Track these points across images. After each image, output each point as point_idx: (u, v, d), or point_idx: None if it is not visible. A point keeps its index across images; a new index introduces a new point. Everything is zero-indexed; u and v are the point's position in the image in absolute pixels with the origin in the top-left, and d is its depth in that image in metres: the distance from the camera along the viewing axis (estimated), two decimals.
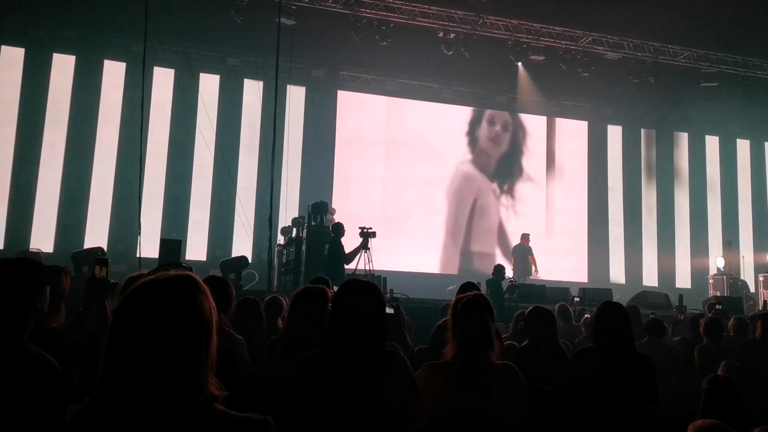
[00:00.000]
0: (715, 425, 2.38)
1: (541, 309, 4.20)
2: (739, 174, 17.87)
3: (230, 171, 13.91)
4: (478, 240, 15.54)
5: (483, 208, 15.70)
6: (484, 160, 15.82)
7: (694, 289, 15.42)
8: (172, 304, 1.33)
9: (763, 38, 13.58)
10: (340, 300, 2.41)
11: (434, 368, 2.70)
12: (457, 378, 2.61)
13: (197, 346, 1.33)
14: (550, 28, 14.31)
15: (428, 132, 15.49)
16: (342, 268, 9.47)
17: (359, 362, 2.26)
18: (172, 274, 1.40)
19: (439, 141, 15.55)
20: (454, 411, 2.54)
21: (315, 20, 13.17)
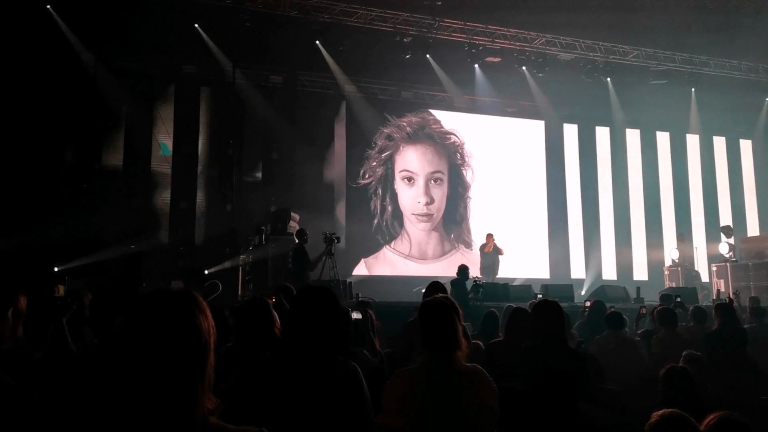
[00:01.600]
0: (676, 414, 2.47)
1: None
2: (689, 168, 18.42)
3: (190, 179, 13.76)
4: (441, 242, 15.65)
5: (444, 212, 15.82)
6: (443, 161, 15.93)
7: (651, 281, 15.81)
8: (171, 322, 1.35)
9: (708, 36, 14.04)
10: (294, 306, 2.43)
11: (405, 374, 2.71)
12: (427, 382, 2.62)
13: (194, 364, 1.34)
14: (504, 30, 14.55)
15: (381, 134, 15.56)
16: (306, 275, 9.46)
17: (307, 369, 2.27)
18: (171, 291, 1.42)
19: (400, 143, 15.63)
20: (427, 416, 2.55)
21: (271, 26, 13.10)
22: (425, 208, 15.49)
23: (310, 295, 2.44)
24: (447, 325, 2.68)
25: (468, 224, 15.96)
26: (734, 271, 13.91)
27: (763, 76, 16.58)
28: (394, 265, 15.11)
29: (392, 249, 15.22)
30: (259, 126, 14.34)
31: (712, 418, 2.52)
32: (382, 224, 15.18)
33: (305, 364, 2.28)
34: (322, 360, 2.31)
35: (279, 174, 14.35)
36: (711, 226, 17.66)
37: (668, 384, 3.43)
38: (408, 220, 15.43)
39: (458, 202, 15.96)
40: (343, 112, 15.25)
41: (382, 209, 15.23)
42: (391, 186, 15.39)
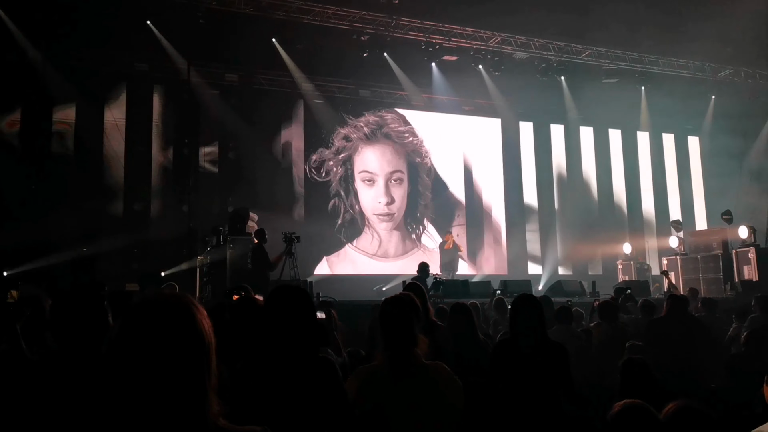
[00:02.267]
0: (636, 404, 2.53)
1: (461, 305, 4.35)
2: (640, 164, 18.92)
3: (144, 180, 13.47)
4: (402, 240, 15.71)
5: (406, 208, 15.88)
6: (402, 160, 15.99)
7: (606, 274, 16.18)
8: (175, 326, 1.32)
9: (657, 36, 14.45)
10: (269, 307, 2.41)
11: (364, 372, 2.70)
12: (384, 380, 2.61)
13: (200, 368, 1.33)
14: (461, 29, 14.68)
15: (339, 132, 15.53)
16: (266, 275, 9.36)
17: (287, 369, 2.25)
18: (167, 293, 1.39)
19: (358, 144, 15.62)
20: (389, 412, 2.54)
21: (226, 23, 12.94)
22: (386, 208, 15.52)
23: (286, 295, 2.42)
24: (402, 323, 2.67)
25: (428, 222, 16.06)
26: (684, 263, 14.36)
27: (709, 75, 17.15)
28: (356, 263, 15.10)
29: (354, 247, 15.21)
30: (215, 125, 14.13)
31: (671, 406, 2.59)
32: (344, 223, 15.15)
33: (287, 364, 2.26)
34: (303, 358, 2.30)
35: (236, 174, 14.16)
36: (661, 221, 18.18)
37: (627, 374, 3.52)
38: (370, 220, 15.43)
39: (418, 200, 16.04)
40: (301, 111, 15.15)
41: (344, 209, 15.20)
42: (352, 185, 15.37)
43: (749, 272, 12.92)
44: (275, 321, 2.34)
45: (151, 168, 13.67)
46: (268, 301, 2.44)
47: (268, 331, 2.34)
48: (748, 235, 13.21)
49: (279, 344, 2.29)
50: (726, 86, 17.38)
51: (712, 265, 13.71)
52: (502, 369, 3.59)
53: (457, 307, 4.48)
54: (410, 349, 2.63)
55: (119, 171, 13.24)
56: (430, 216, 16.09)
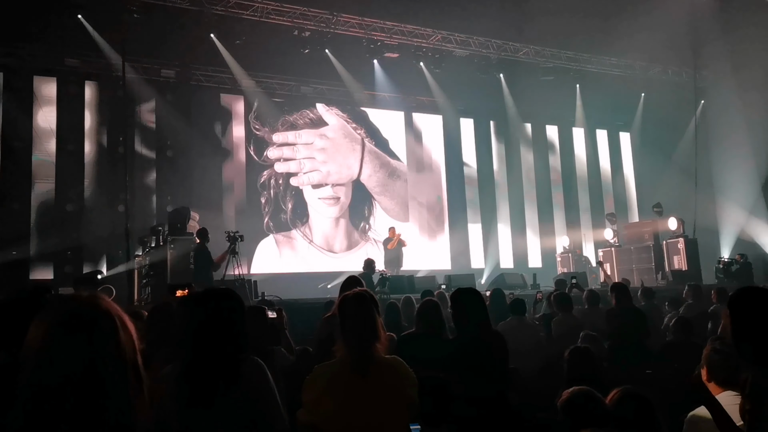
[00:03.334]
0: (584, 391, 2.62)
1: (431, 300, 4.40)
2: (576, 159, 19.50)
3: (76, 179, 12.98)
4: (347, 237, 15.69)
5: (349, 205, 15.87)
6: (348, 154, 15.97)
7: (545, 267, 16.61)
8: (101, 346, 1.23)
9: (592, 35, 14.90)
10: (199, 308, 2.36)
11: (324, 368, 2.70)
12: (347, 375, 2.62)
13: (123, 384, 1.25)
14: (401, 26, 14.75)
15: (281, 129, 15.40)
16: (210, 275, 9.19)
17: (216, 372, 2.22)
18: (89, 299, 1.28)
19: (302, 138, 15.50)
20: (349, 409, 2.55)
21: (162, 17, 12.58)
22: (332, 191, 15.51)
23: (213, 298, 2.38)
24: (366, 318, 2.68)
25: (373, 218, 16.11)
26: (618, 254, 14.91)
27: (639, 73, 17.82)
28: (303, 259, 14.98)
29: (300, 235, 15.09)
30: (152, 122, 13.74)
31: (615, 392, 2.70)
32: (288, 218, 15.02)
33: (211, 369, 2.22)
34: (228, 362, 2.27)
35: (175, 172, 13.80)
36: (596, 214, 18.79)
37: (573, 363, 3.63)
38: (314, 210, 15.33)
39: (363, 195, 16.05)
40: (242, 107, 14.90)
41: (287, 203, 15.07)
42: (298, 174, 15.32)
43: (679, 262, 13.53)
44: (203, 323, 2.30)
45: (84, 167, 13.18)
46: (196, 303, 2.39)
47: (194, 333, 2.30)
48: (677, 226, 13.83)
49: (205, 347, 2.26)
50: (655, 84, 18.10)
51: (644, 256, 14.29)
52: (454, 362, 3.64)
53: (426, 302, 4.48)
54: (372, 344, 2.64)
55: (50, 170, 12.70)
56: (374, 212, 16.13)
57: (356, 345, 2.63)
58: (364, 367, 2.61)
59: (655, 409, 2.64)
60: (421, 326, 4.27)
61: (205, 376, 2.21)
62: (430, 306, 4.31)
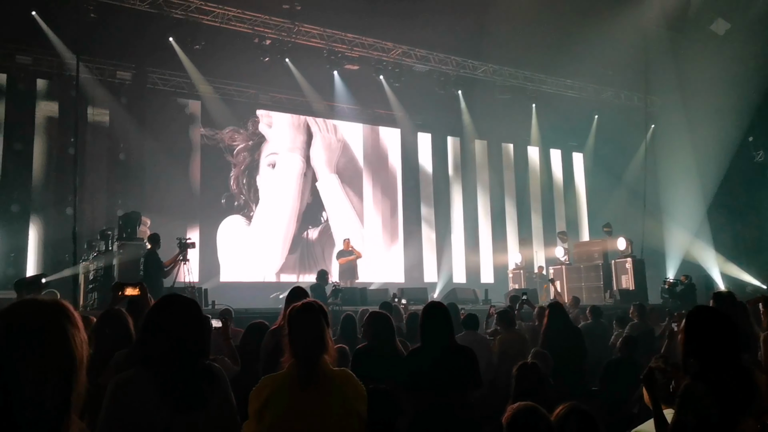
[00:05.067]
0: (529, 407, 2.65)
1: (380, 312, 4.39)
2: (530, 178, 19.86)
3: (23, 180, 12.57)
4: (302, 246, 15.59)
5: (303, 215, 15.79)
6: (299, 166, 15.91)
7: (497, 283, 16.81)
8: (42, 338, 1.19)
9: (548, 56, 15.27)
10: (157, 317, 2.34)
11: (271, 380, 2.65)
12: (292, 387, 2.58)
13: (67, 385, 1.21)
14: (362, 39, 14.84)
15: (239, 135, 15.25)
16: (160, 282, 8.99)
17: (180, 380, 2.20)
18: (40, 301, 1.25)
19: (258, 147, 15.38)
20: (295, 421, 2.52)
21: (119, 18, 12.35)
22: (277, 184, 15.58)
23: (175, 305, 2.36)
24: (314, 329, 2.66)
25: (327, 229, 16.06)
26: (569, 272, 15.20)
27: (592, 95, 18.32)
28: (256, 268, 14.80)
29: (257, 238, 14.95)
30: (105, 124, 13.41)
31: (561, 408, 2.74)
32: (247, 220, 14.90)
33: (176, 374, 2.19)
34: (190, 368, 2.25)
35: (127, 176, 13.52)
36: (548, 232, 19.14)
37: (520, 378, 3.67)
38: (261, 197, 15.33)
39: (317, 205, 16.01)
40: (197, 112, 14.66)
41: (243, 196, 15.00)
42: (254, 175, 15.28)
43: (626, 281, 13.88)
44: (162, 331, 2.27)
45: (32, 167, 12.76)
46: (155, 310, 2.37)
47: (153, 342, 2.27)
48: (626, 246, 14.19)
49: (166, 355, 2.23)
50: (608, 106, 18.62)
51: (593, 275, 14.60)
52: (416, 375, 3.66)
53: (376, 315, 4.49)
54: (320, 356, 2.62)
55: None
56: (329, 223, 16.09)
57: (303, 357, 2.60)
58: (310, 379, 2.58)
59: (599, 426, 2.69)
60: (375, 339, 4.28)
61: (187, 379, 2.20)
62: (381, 318, 4.33)
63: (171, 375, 2.19)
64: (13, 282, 9.47)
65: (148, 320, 2.33)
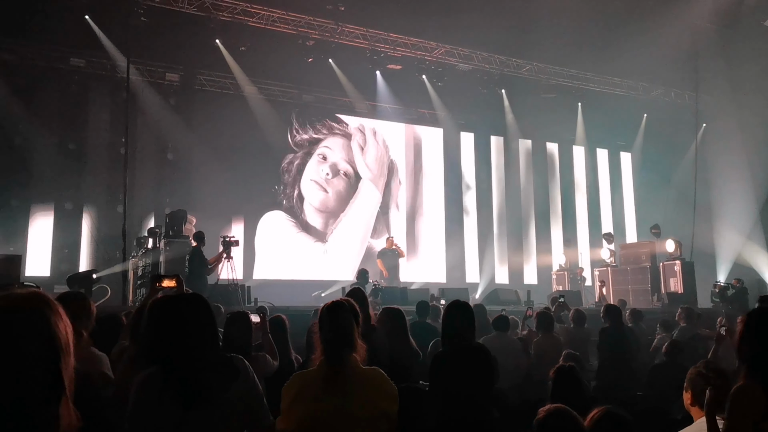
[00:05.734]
0: (560, 409, 2.62)
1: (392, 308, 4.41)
2: (575, 178, 19.53)
3: (77, 178, 13.00)
4: (342, 246, 15.70)
5: (347, 214, 15.90)
6: (342, 166, 16.02)
7: (540, 284, 16.59)
8: (24, 328, 1.22)
9: (594, 54, 14.98)
10: (156, 318, 2.34)
11: (300, 378, 2.70)
12: (319, 385, 2.60)
13: (54, 373, 1.23)
14: (405, 39, 14.84)
15: (285, 136, 15.42)
16: (204, 279, 9.19)
17: (185, 376, 2.22)
18: (19, 293, 1.28)
19: (301, 146, 15.54)
20: (320, 419, 2.54)
21: (168, 22, 12.67)
22: (325, 180, 15.64)
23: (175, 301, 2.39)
24: (340, 327, 2.68)
25: (371, 228, 16.17)
26: (614, 274, 14.88)
27: (641, 94, 17.89)
28: (299, 266, 14.97)
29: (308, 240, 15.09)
30: (154, 125, 13.77)
31: (595, 412, 2.70)
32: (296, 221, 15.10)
33: (180, 370, 2.22)
34: (200, 362, 2.26)
35: (174, 175, 13.86)
36: (594, 233, 18.78)
37: (557, 382, 3.63)
38: (306, 195, 15.45)
39: (363, 206, 16.13)
40: (244, 113, 14.85)
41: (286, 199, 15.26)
42: (299, 180, 15.51)
43: (675, 284, 13.50)
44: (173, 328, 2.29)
45: (85, 166, 13.21)
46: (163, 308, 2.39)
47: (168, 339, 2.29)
48: (674, 248, 13.81)
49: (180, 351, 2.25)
50: (657, 105, 18.16)
51: (640, 277, 14.24)
52: (436, 374, 3.65)
53: (392, 312, 4.52)
54: (348, 354, 2.64)
55: (51, 168, 12.72)
56: (369, 223, 16.16)
57: (331, 355, 2.63)
58: (336, 377, 2.60)
59: (634, 430, 2.64)
60: None
61: (193, 375, 2.21)
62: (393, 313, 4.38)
63: (176, 371, 2.20)
64: (66, 277, 9.87)
65: (154, 320, 2.33)
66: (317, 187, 15.57)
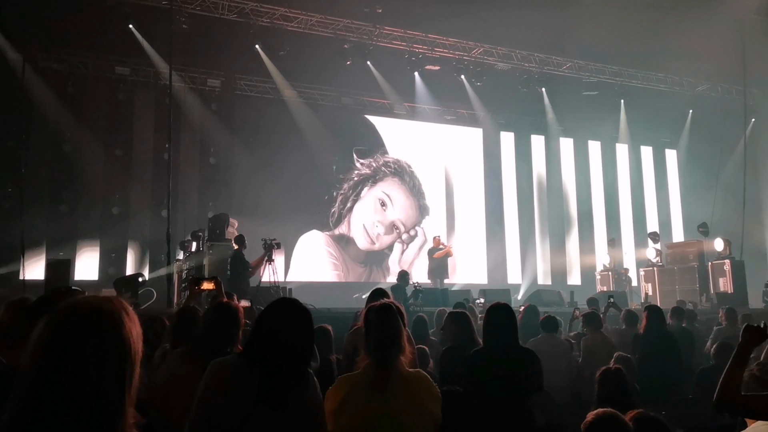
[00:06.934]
0: (609, 413, 2.56)
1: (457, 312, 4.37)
2: (619, 176, 19.14)
3: (123, 184, 13.32)
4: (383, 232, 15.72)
5: (381, 200, 15.92)
6: (383, 167, 16.03)
7: (584, 285, 16.29)
8: (101, 333, 1.25)
9: (636, 50, 14.67)
10: (272, 318, 2.35)
11: (347, 381, 2.68)
12: (366, 388, 2.59)
13: (122, 378, 1.26)
14: (443, 39, 14.79)
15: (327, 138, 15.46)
16: (246, 281, 9.31)
17: (281, 381, 2.23)
18: (96, 298, 1.32)
19: (341, 148, 15.59)
20: (368, 422, 2.53)
21: (209, 29, 12.91)
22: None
23: (291, 310, 2.38)
24: (390, 330, 2.66)
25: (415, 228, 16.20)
26: (661, 274, 14.51)
27: (686, 90, 17.44)
28: (339, 268, 15.04)
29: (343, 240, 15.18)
30: (196, 130, 14.04)
31: (632, 415, 2.63)
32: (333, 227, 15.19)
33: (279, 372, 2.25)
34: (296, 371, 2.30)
35: (217, 179, 14.09)
36: (639, 232, 18.37)
37: (603, 384, 3.56)
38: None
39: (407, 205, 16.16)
40: (284, 117, 14.97)
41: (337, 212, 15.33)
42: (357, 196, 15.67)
43: (724, 284, 13.10)
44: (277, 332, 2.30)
45: (131, 172, 13.54)
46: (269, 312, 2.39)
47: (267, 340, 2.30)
48: (723, 247, 13.40)
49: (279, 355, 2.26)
50: (703, 101, 17.67)
51: (688, 277, 13.86)
52: (478, 377, 3.61)
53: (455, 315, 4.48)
54: (395, 357, 2.62)
55: (98, 175, 13.08)
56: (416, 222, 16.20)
57: (378, 358, 2.62)
58: (384, 381, 2.58)
59: None
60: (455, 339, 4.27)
61: (287, 379, 2.24)
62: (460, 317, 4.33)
63: (275, 375, 2.22)
64: (113, 280, 10.13)
65: (264, 319, 2.34)
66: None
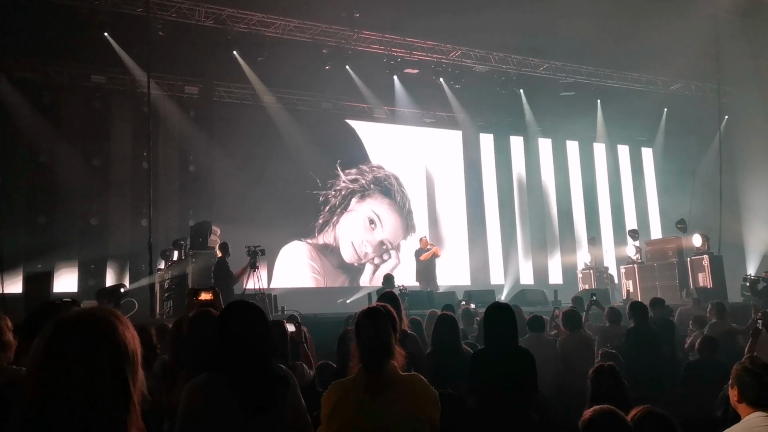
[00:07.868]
0: (607, 410, 2.57)
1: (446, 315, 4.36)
2: (597, 175, 19.34)
3: (101, 194, 13.15)
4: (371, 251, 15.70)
5: (370, 219, 15.89)
6: (373, 183, 16.04)
7: (566, 284, 16.42)
8: (100, 341, 1.27)
9: (611, 50, 14.84)
10: (225, 324, 2.39)
11: (339, 386, 2.67)
12: (358, 393, 2.58)
13: (121, 381, 1.27)
14: (422, 42, 14.84)
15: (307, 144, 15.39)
16: (230, 289, 9.23)
17: (251, 382, 2.24)
18: (90, 308, 1.35)
19: (322, 153, 15.53)
20: (362, 427, 2.52)
21: (186, 35, 12.80)
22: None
23: (239, 311, 2.41)
24: (379, 334, 2.65)
25: None
26: (641, 271, 14.67)
27: (661, 88, 17.68)
28: (321, 273, 14.98)
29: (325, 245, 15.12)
30: (175, 138, 13.90)
31: (637, 411, 2.65)
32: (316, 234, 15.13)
33: (247, 377, 2.24)
34: (261, 371, 2.30)
35: (197, 187, 13.96)
36: (618, 230, 18.57)
37: (597, 382, 3.57)
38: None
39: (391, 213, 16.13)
40: (263, 123, 14.89)
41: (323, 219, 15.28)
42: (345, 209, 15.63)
43: (704, 279, 13.27)
44: (231, 338, 2.32)
45: (109, 181, 13.36)
46: (221, 319, 2.43)
47: (224, 348, 2.32)
48: (701, 243, 13.57)
49: (237, 361, 2.28)
50: (677, 99, 17.93)
51: (668, 273, 14.01)
52: (476, 378, 3.61)
53: (443, 317, 4.47)
54: (387, 361, 2.61)
55: (76, 185, 12.88)
56: (390, 228, 16.15)
57: (368, 362, 2.60)
58: (377, 385, 2.57)
59: (677, 429, 2.59)
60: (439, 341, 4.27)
61: (259, 382, 2.25)
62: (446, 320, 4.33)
63: (243, 378, 2.23)
64: (93, 292, 9.98)
65: (217, 327, 2.40)
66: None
